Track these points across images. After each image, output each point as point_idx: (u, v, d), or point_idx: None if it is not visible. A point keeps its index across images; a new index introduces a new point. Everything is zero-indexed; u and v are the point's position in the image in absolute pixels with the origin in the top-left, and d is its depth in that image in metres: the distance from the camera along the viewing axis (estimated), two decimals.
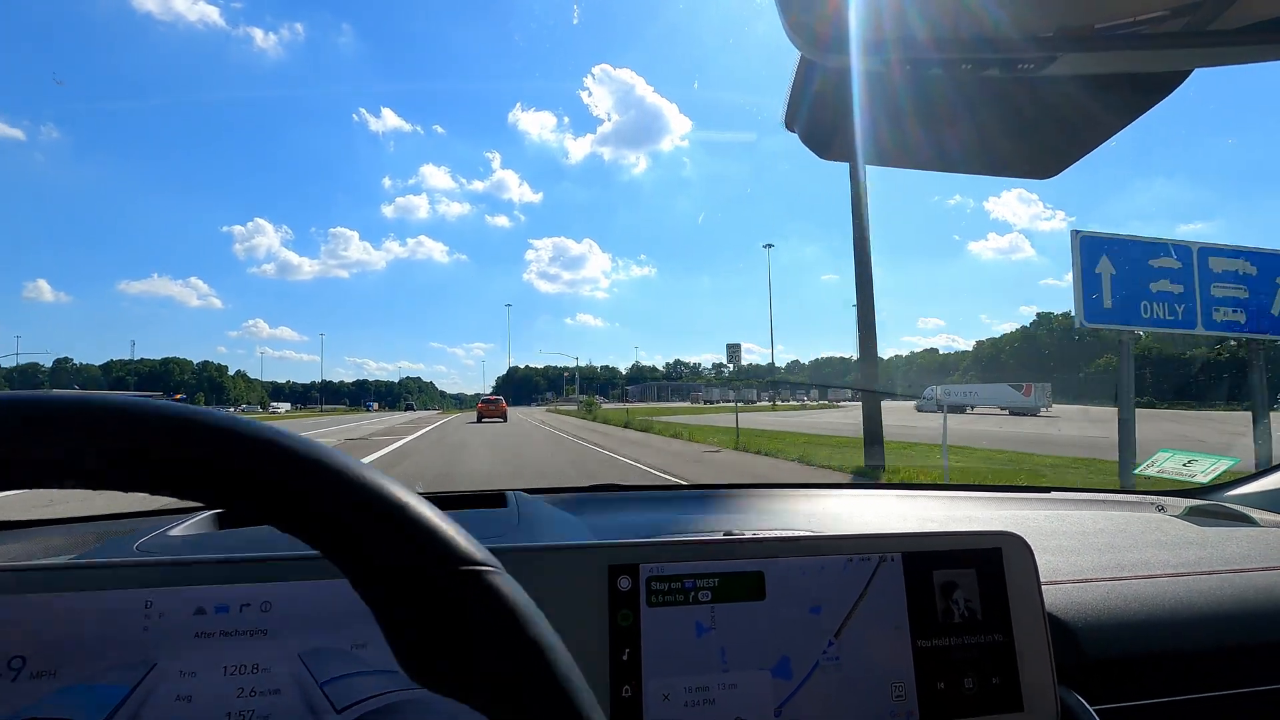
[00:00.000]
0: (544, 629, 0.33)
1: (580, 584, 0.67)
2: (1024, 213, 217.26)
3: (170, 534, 0.94)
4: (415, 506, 0.33)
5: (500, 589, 0.33)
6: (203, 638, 0.59)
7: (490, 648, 0.31)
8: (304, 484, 0.32)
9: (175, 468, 0.30)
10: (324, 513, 0.32)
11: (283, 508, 0.32)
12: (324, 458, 0.33)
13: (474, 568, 0.33)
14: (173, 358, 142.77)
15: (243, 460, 0.31)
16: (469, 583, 0.32)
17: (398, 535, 0.32)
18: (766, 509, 1.35)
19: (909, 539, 0.75)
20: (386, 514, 0.32)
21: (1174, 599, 0.92)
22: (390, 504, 0.33)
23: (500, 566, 0.34)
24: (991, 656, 0.72)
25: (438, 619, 0.31)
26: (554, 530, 1.02)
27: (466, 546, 0.33)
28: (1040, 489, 1.65)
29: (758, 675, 0.67)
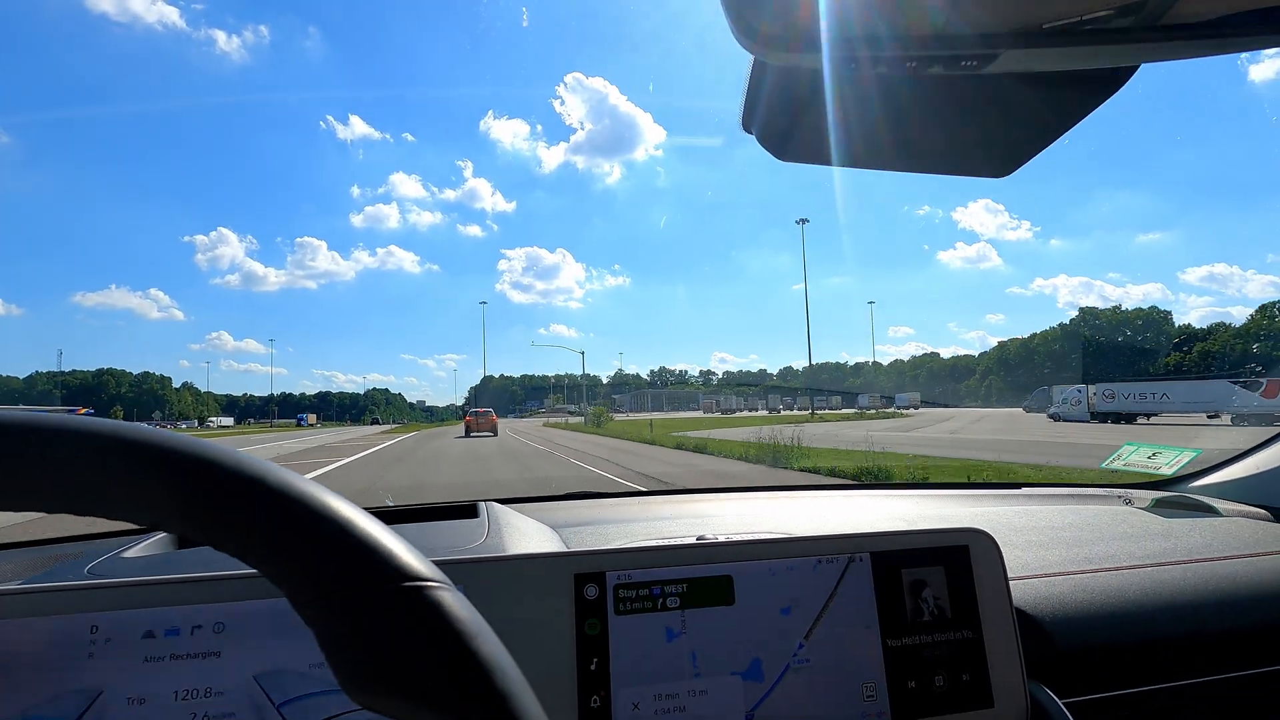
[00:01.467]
0: (491, 646, 0.32)
1: (546, 593, 0.66)
2: (991, 222, 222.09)
3: (124, 556, 0.93)
4: (355, 520, 0.32)
5: (443, 605, 0.31)
6: (152, 662, 0.57)
7: (433, 666, 0.30)
8: (233, 500, 0.31)
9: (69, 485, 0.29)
10: (256, 529, 0.31)
11: (211, 525, 0.31)
12: (257, 471, 0.32)
13: (416, 583, 0.31)
14: (108, 369, 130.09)
15: (166, 476, 0.30)
16: (411, 599, 0.31)
17: (335, 551, 0.31)
18: (741, 512, 1.35)
19: (877, 538, 0.75)
20: (323, 529, 0.31)
21: (1139, 590, 0.93)
22: (327, 518, 0.32)
23: (447, 581, 0.33)
24: (961, 654, 0.73)
25: (378, 637, 0.30)
26: (524, 540, 1.01)
27: (408, 561, 0.32)
28: (1011, 485, 1.68)
29: (728, 680, 0.67)
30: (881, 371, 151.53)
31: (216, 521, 0.31)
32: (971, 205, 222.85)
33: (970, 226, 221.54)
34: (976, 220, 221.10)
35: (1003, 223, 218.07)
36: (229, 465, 0.31)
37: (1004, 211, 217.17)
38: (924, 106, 0.56)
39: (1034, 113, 0.56)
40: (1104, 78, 0.50)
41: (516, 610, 0.65)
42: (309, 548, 0.31)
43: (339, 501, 0.33)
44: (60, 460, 0.29)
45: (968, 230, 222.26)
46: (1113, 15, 0.39)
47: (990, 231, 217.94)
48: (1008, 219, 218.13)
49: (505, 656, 0.32)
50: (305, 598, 0.31)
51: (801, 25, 0.40)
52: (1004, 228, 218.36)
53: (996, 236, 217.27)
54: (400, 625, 0.30)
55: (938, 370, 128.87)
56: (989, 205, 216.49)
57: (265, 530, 0.31)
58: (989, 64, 0.42)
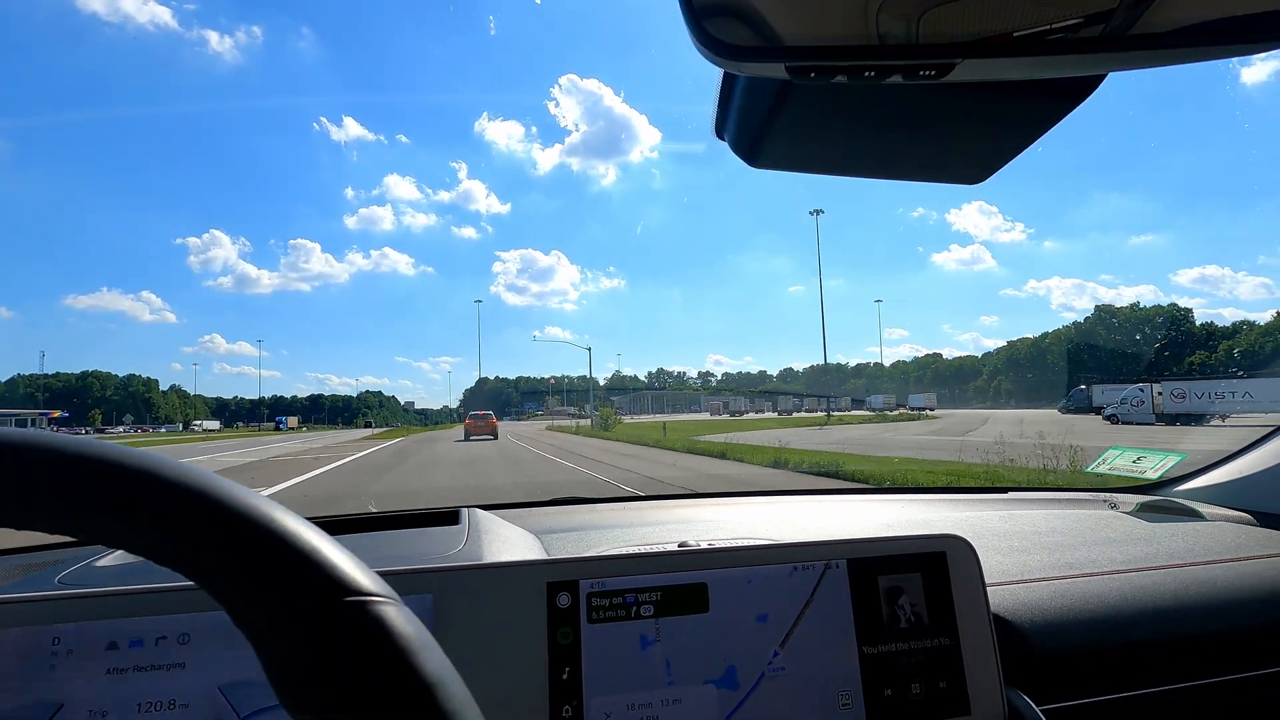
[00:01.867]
0: (436, 663, 0.31)
1: (518, 602, 0.66)
2: (985, 224, 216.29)
3: (96, 565, 0.92)
4: (295, 531, 0.31)
5: (387, 620, 0.31)
6: (115, 674, 0.57)
7: (374, 684, 0.29)
8: (167, 509, 0.30)
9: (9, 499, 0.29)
10: (191, 539, 0.30)
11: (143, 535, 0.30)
12: (193, 481, 0.31)
13: (359, 598, 0.30)
14: (93, 372, 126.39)
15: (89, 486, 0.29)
16: (352, 614, 0.30)
17: (274, 563, 0.30)
18: (727, 518, 1.35)
19: (854, 545, 0.75)
20: (262, 540, 0.30)
21: (1118, 595, 0.93)
22: (267, 529, 0.31)
23: (392, 596, 0.32)
24: (938, 661, 0.73)
25: (317, 654, 0.29)
26: (504, 547, 1.00)
27: (352, 575, 0.31)
28: (997, 489, 1.67)
29: (702, 689, 0.67)
30: (883, 373, 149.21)
31: (148, 531, 0.30)
32: (965, 207, 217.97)
33: (964, 228, 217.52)
34: (970, 222, 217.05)
35: (996, 225, 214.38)
36: (166, 474, 0.30)
37: (997, 214, 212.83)
38: (891, 117, 0.56)
39: (1004, 121, 0.56)
40: (1073, 85, 0.50)
41: (488, 619, 0.65)
42: (247, 560, 0.30)
43: (279, 511, 0.32)
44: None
45: (962, 232, 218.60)
46: (1080, 25, 0.39)
47: (984, 234, 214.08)
48: (1001, 221, 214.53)
49: (450, 673, 0.31)
50: (243, 612, 0.30)
51: (759, 36, 0.40)
52: (998, 230, 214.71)
53: (990, 238, 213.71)
54: (341, 642, 0.29)
55: (942, 371, 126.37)
56: (983, 207, 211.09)
57: (200, 541, 0.30)
58: (947, 74, 0.42)
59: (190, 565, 0.30)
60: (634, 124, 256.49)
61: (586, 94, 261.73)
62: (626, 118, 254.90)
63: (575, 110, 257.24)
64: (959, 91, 0.50)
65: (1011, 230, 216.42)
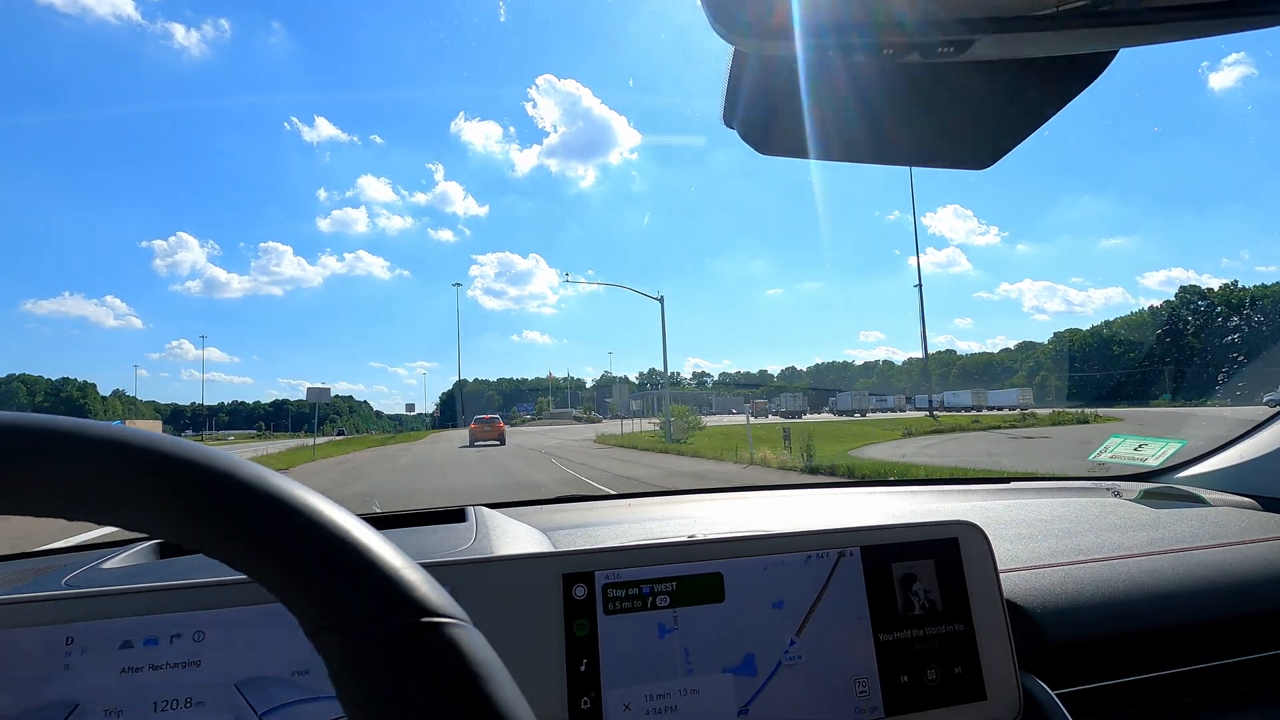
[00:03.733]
0: (506, 690, 0.31)
1: (534, 594, 0.66)
2: (960, 228, 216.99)
3: (103, 567, 0.92)
4: (375, 548, 0.31)
5: (461, 644, 0.30)
6: (130, 673, 0.56)
7: (446, 707, 0.29)
8: (249, 519, 0.30)
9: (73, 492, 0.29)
10: (273, 549, 0.30)
11: (226, 541, 0.30)
12: (278, 490, 0.31)
13: (435, 619, 0.30)
14: (20, 375, 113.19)
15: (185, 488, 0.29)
16: (427, 636, 0.30)
17: (353, 579, 0.30)
18: (731, 512, 1.36)
19: (866, 533, 0.75)
20: (343, 554, 0.30)
21: (1127, 580, 0.94)
22: (348, 543, 0.31)
23: (465, 619, 0.32)
24: (953, 646, 0.73)
25: (391, 673, 0.29)
26: (512, 543, 1.01)
27: (428, 595, 0.31)
28: (1000, 479, 1.70)
29: (720, 679, 0.67)
30: (895, 370, 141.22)
31: (231, 537, 0.30)
32: (941, 211, 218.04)
33: (940, 232, 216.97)
34: (946, 225, 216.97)
35: (971, 228, 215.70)
36: (246, 478, 0.30)
37: (972, 217, 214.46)
38: (904, 97, 0.55)
39: (1014, 101, 0.55)
40: (1083, 64, 0.50)
41: (504, 612, 0.65)
42: (327, 573, 0.30)
43: (359, 526, 0.32)
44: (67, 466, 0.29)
45: (938, 235, 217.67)
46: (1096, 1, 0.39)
47: (960, 236, 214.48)
48: (976, 224, 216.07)
49: (520, 702, 0.31)
50: (318, 625, 0.30)
51: (777, 13, 0.40)
52: (973, 233, 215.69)
53: (966, 241, 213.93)
54: (415, 662, 0.29)
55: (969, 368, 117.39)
56: (958, 210, 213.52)
57: (282, 551, 0.30)
58: (965, 50, 0.41)
59: (268, 575, 0.30)
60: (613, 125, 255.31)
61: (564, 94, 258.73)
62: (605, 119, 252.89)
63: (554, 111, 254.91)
64: (973, 72, 0.50)
65: (986, 234, 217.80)
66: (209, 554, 0.30)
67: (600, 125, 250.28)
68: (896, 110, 0.56)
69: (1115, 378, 67.36)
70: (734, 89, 0.54)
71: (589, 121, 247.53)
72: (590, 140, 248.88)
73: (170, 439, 0.31)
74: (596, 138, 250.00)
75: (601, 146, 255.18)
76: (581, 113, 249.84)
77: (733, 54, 0.50)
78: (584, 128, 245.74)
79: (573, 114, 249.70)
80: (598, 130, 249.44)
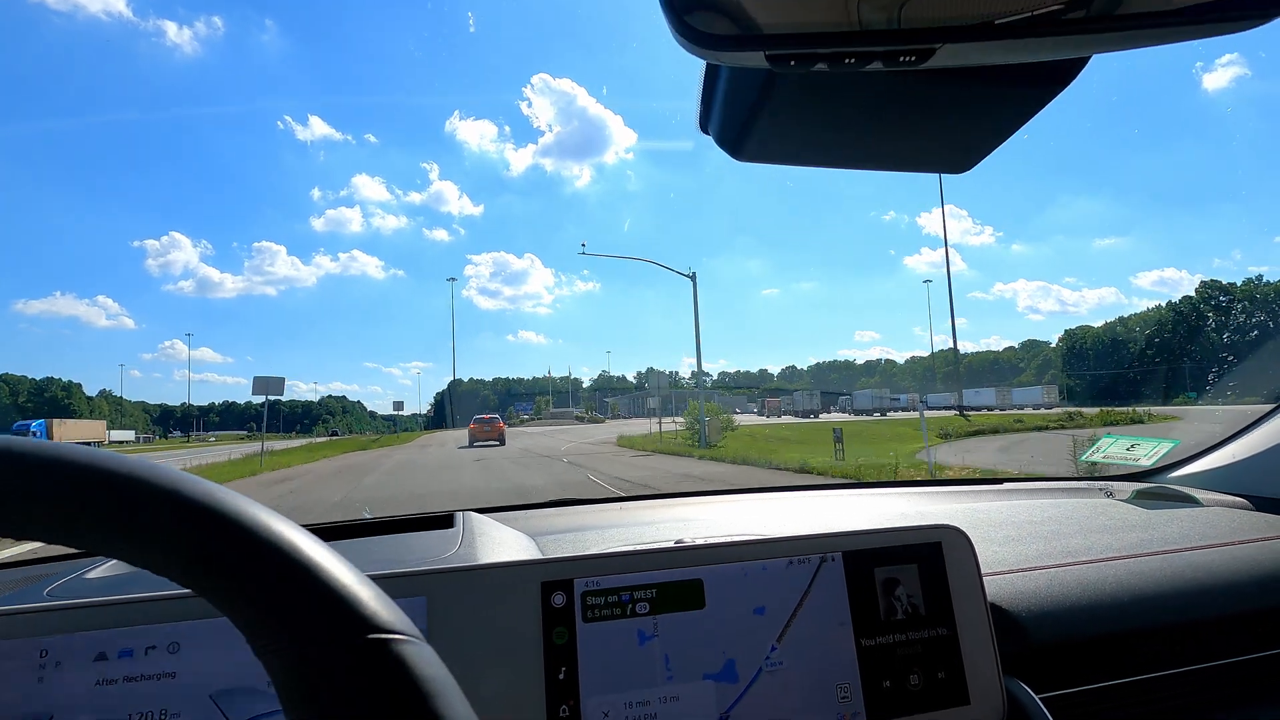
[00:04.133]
0: (455, 707, 0.30)
1: (512, 602, 0.66)
2: (955, 228, 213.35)
3: (86, 577, 0.91)
4: (322, 566, 0.30)
5: (409, 661, 0.30)
6: (105, 685, 0.56)
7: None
8: (191, 536, 0.29)
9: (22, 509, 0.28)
10: (218, 571, 0.29)
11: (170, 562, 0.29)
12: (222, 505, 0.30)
13: (383, 636, 0.30)
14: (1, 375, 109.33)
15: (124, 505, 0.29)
16: (376, 653, 0.29)
17: (298, 596, 0.29)
18: (723, 513, 1.36)
19: (849, 537, 0.75)
20: (289, 575, 0.29)
21: (1114, 582, 0.93)
22: (295, 564, 0.30)
23: (417, 635, 0.31)
24: (936, 651, 0.73)
25: (337, 692, 0.28)
26: (498, 549, 1.00)
27: (376, 611, 0.30)
28: (993, 480, 1.69)
29: (701, 685, 0.67)
30: (897, 370, 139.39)
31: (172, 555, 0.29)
32: (935, 211, 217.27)
33: (935, 232, 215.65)
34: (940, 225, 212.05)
35: (966, 228, 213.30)
36: (190, 494, 0.30)
37: (967, 217, 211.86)
38: (877, 104, 0.54)
39: (988, 108, 0.55)
40: (1057, 69, 0.50)
41: (482, 620, 0.65)
42: (270, 592, 0.29)
43: (307, 541, 0.31)
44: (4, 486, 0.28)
45: (932, 235, 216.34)
46: (1065, 9, 0.39)
47: (955, 236, 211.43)
48: (971, 224, 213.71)
49: (471, 718, 0.30)
50: (263, 643, 0.29)
51: (739, 25, 0.40)
52: (968, 233, 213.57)
53: (960, 241, 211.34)
54: (360, 683, 0.28)
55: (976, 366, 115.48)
56: (953, 210, 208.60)
57: (225, 569, 0.29)
58: (928, 59, 0.41)
59: (211, 590, 0.29)
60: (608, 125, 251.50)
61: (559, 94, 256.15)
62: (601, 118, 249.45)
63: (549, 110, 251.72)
64: (942, 79, 0.50)
65: (981, 234, 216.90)
66: (154, 572, 0.30)
67: (595, 125, 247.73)
68: (868, 118, 0.56)
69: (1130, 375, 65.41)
70: (707, 98, 0.54)
71: (584, 121, 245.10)
72: (585, 139, 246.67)
73: (110, 454, 0.30)
74: (592, 137, 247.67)
75: (597, 146, 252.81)
76: (576, 112, 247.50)
77: (704, 65, 0.50)
78: (579, 127, 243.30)
79: (568, 113, 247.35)
80: (593, 130, 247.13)
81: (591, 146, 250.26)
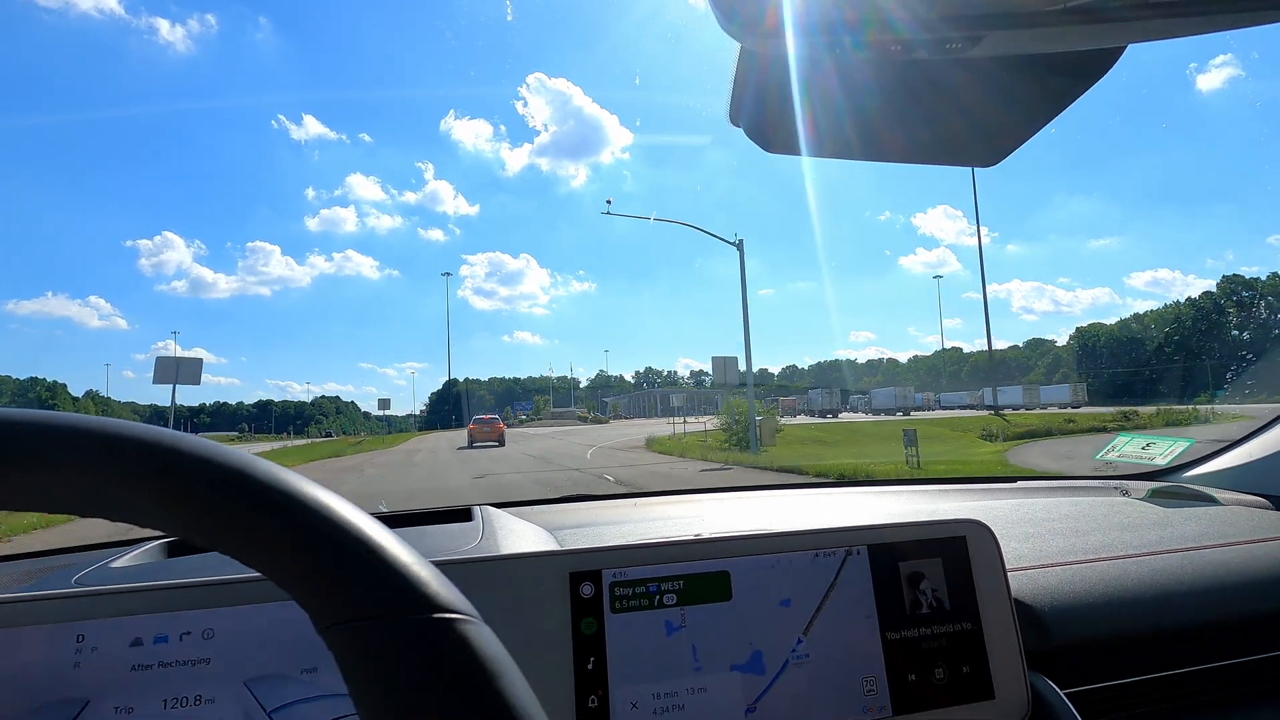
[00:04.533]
0: (517, 686, 0.30)
1: (541, 592, 0.66)
2: (950, 228, 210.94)
3: (112, 566, 0.93)
4: (388, 545, 0.31)
5: (472, 641, 0.30)
6: (140, 670, 0.57)
7: (458, 704, 0.29)
8: (263, 517, 0.30)
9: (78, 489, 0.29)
10: (287, 549, 0.30)
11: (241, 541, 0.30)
12: (291, 487, 0.31)
13: (446, 615, 0.30)
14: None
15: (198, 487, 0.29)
16: (440, 632, 0.30)
17: (365, 575, 0.30)
18: (737, 510, 1.36)
19: (874, 531, 0.75)
20: (355, 550, 0.30)
21: (1136, 579, 0.93)
22: (360, 540, 0.31)
23: (476, 615, 0.32)
24: (961, 645, 0.73)
25: (403, 669, 0.29)
26: (518, 542, 1.01)
27: (439, 591, 0.31)
28: (1006, 479, 1.69)
29: (728, 677, 0.67)
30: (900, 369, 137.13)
31: (243, 534, 0.30)
32: (931, 211, 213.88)
33: (930, 232, 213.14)
34: (936, 226, 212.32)
35: (961, 229, 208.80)
36: (259, 475, 0.30)
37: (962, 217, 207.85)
38: (912, 94, 0.55)
39: (1022, 98, 0.55)
40: (1090, 61, 0.50)
41: (510, 611, 0.65)
42: (340, 569, 0.30)
43: (371, 523, 0.32)
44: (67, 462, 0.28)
45: (928, 236, 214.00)
46: None
47: (950, 237, 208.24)
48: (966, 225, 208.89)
49: (531, 699, 0.31)
50: (330, 621, 0.30)
51: (784, 8, 0.40)
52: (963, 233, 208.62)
53: (956, 242, 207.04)
54: (427, 659, 0.29)
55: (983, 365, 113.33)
56: (948, 211, 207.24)
57: (294, 547, 0.30)
58: (974, 46, 0.41)
59: (280, 570, 0.30)
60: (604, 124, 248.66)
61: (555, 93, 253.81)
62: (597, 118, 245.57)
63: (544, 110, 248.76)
64: (980, 68, 0.50)
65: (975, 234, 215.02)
66: (222, 551, 0.30)
67: (591, 124, 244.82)
68: (903, 108, 0.56)
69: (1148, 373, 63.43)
70: (740, 88, 0.54)
71: (580, 120, 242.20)
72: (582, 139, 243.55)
73: (182, 436, 0.31)
74: (588, 136, 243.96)
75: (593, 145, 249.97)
76: (573, 111, 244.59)
77: (739, 52, 0.50)
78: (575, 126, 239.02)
79: (564, 113, 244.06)
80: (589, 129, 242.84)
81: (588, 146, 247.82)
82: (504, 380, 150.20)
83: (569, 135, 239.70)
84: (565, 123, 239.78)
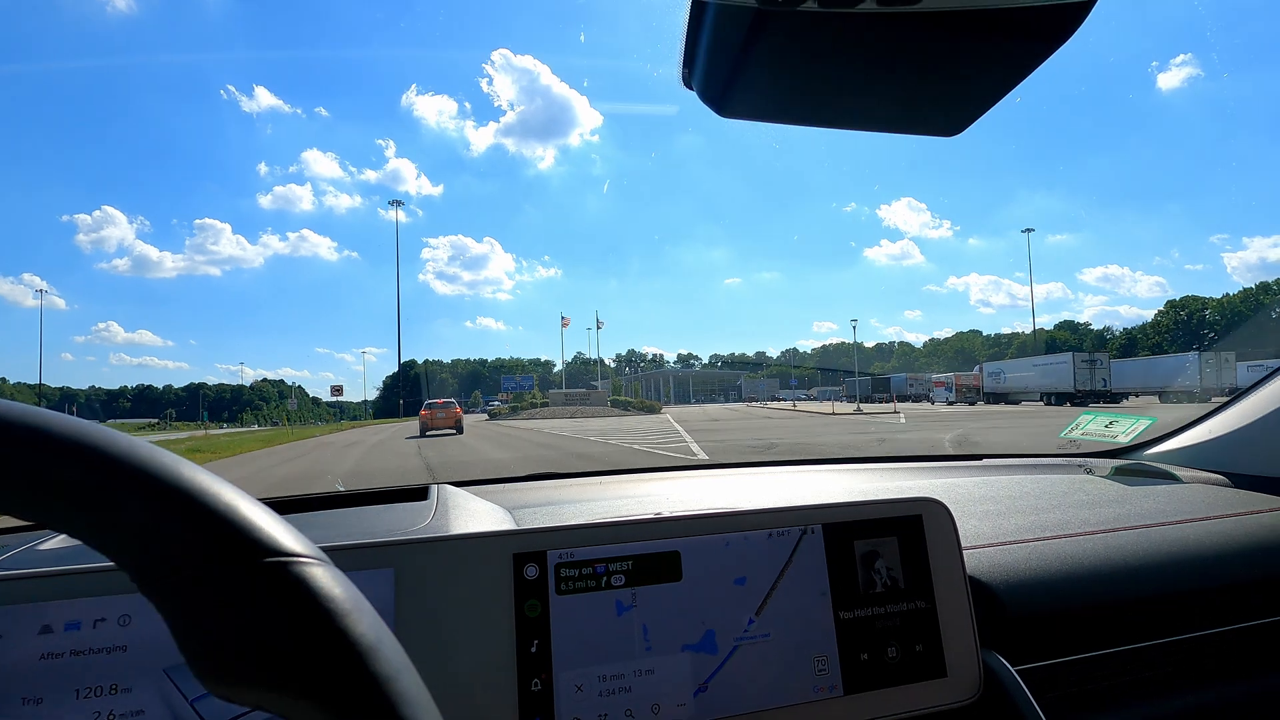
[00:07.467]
0: (366, 625, 0.28)
1: (484, 574, 0.64)
2: (914, 220, 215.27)
3: (40, 548, 0.89)
4: (207, 488, 0.28)
5: (311, 581, 0.28)
6: (50, 659, 0.54)
7: (298, 650, 0.26)
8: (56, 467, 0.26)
9: None
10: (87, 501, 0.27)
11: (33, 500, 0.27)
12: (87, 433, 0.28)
13: (279, 559, 0.28)
14: None
15: None
16: (272, 576, 0.27)
17: (182, 523, 0.27)
18: (702, 488, 1.35)
19: (830, 510, 0.74)
20: (169, 501, 0.27)
21: (1092, 555, 0.94)
22: (174, 488, 0.28)
23: (319, 556, 0.29)
24: (914, 624, 0.73)
25: (232, 620, 0.26)
26: (472, 521, 0.98)
27: (271, 534, 0.28)
28: (972, 456, 1.68)
29: (678, 657, 0.66)
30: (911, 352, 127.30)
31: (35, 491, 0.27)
32: (895, 204, 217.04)
33: (895, 224, 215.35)
34: (901, 218, 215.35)
35: (925, 221, 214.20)
36: (52, 427, 0.27)
37: (926, 210, 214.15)
38: (869, 57, 0.53)
39: (983, 63, 0.54)
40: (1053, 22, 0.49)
41: (453, 593, 0.63)
42: (149, 519, 0.27)
43: (186, 465, 0.29)
44: None
45: (892, 228, 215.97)
46: None
47: (914, 229, 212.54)
48: (930, 218, 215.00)
49: (386, 636, 0.29)
50: (149, 577, 0.27)
51: None
52: (926, 226, 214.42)
53: (920, 234, 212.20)
54: (259, 606, 0.27)
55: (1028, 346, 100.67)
56: (912, 204, 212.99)
57: (95, 498, 0.27)
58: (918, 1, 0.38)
59: (86, 527, 0.27)
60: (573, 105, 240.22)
61: (522, 71, 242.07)
62: (565, 98, 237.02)
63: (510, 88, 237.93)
64: (936, 31, 0.49)
65: (939, 227, 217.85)
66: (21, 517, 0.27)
67: (559, 104, 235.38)
68: (860, 71, 0.54)
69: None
70: (690, 47, 0.51)
71: (548, 100, 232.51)
72: (549, 119, 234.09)
73: None
74: (556, 117, 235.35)
75: (561, 126, 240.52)
76: (540, 90, 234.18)
77: (689, 9, 0.48)
78: (542, 105, 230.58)
79: (530, 91, 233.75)
80: (557, 109, 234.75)
81: (555, 127, 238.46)
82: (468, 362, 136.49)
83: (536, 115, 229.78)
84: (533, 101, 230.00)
